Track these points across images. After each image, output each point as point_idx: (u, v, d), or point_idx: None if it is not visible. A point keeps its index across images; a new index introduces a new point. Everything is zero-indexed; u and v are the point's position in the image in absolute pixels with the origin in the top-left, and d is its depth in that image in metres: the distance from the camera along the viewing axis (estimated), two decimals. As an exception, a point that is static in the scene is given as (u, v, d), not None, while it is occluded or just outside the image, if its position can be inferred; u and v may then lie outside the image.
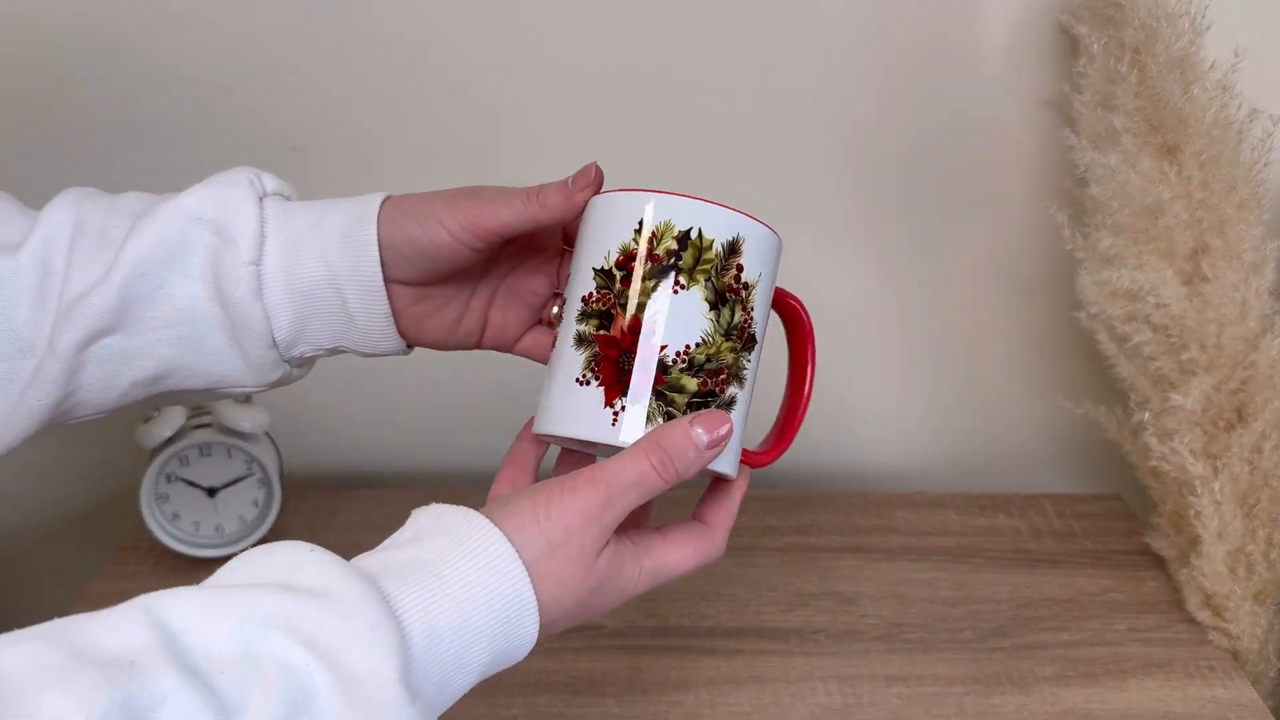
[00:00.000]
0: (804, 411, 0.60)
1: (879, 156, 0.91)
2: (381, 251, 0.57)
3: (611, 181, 0.58)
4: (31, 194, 0.63)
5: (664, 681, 0.76)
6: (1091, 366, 0.92)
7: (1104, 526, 0.93)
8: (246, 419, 0.86)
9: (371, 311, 0.58)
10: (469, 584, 0.46)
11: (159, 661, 0.39)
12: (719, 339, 0.54)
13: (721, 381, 0.54)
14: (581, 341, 0.54)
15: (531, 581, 0.48)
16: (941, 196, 0.92)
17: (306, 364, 0.62)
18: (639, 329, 0.53)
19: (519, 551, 0.48)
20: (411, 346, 0.62)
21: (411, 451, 1.02)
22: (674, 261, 0.53)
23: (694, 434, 0.51)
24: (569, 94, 0.89)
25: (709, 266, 0.53)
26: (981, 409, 1.01)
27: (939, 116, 0.90)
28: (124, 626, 0.40)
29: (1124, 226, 0.79)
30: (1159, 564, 0.87)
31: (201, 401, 0.61)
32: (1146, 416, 0.82)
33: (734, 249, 0.54)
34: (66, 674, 0.37)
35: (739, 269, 0.54)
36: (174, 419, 0.86)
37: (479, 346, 0.63)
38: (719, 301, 0.54)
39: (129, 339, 0.56)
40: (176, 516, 0.87)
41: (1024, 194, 0.92)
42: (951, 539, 0.91)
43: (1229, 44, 0.76)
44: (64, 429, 1.04)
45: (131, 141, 0.89)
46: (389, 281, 0.58)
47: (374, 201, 0.58)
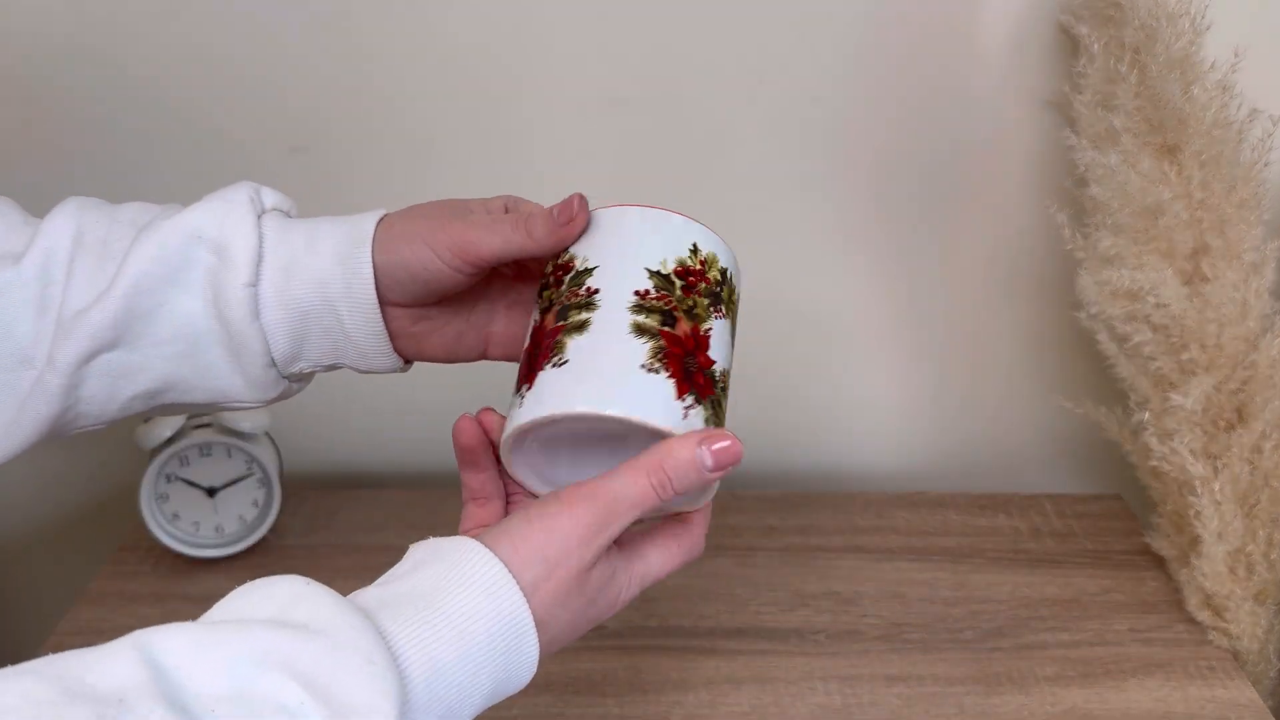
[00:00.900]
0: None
1: (879, 157, 0.91)
2: (376, 275, 0.57)
3: (611, 181, 0.58)
4: (33, 195, 0.63)
5: (664, 681, 0.76)
6: (1091, 366, 0.92)
7: (1104, 526, 0.93)
8: (246, 419, 0.86)
9: (368, 331, 0.58)
10: (468, 614, 0.45)
11: (147, 699, 0.38)
12: (730, 371, 0.56)
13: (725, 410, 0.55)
14: (643, 332, 0.52)
15: (529, 604, 0.47)
16: (941, 196, 0.92)
17: (305, 379, 0.62)
18: (704, 340, 0.54)
19: (515, 575, 0.47)
20: (410, 363, 0.62)
21: (411, 451, 1.02)
22: (719, 290, 0.56)
23: (699, 455, 0.50)
24: (569, 93, 0.89)
25: (735, 303, 0.57)
26: (981, 409, 1.01)
27: (939, 116, 0.90)
28: (115, 663, 0.39)
29: (1124, 226, 0.79)
30: (1159, 564, 0.87)
31: (202, 412, 0.61)
32: (1146, 416, 0.82)
33: (737, 292, 0.58)
34: (58, 710, 0.37)
35: (737, 311, 0.58)
36: (174, 419, 0.86)
37: (486, 358, 0.63)
38: (734, 337, 0.56)
39: (129, 354, 0.56)
40: (176, 516, 0.87)
41: (1024, 194, 0.92)
42: (951, 539, 0.91)
43: (1229, 44, 0.76)
44: (64, 429, 1.04)
45: (132, 142, 0.89)
46: (385, 304, 0.58)
47: (369, 223, 0.57)
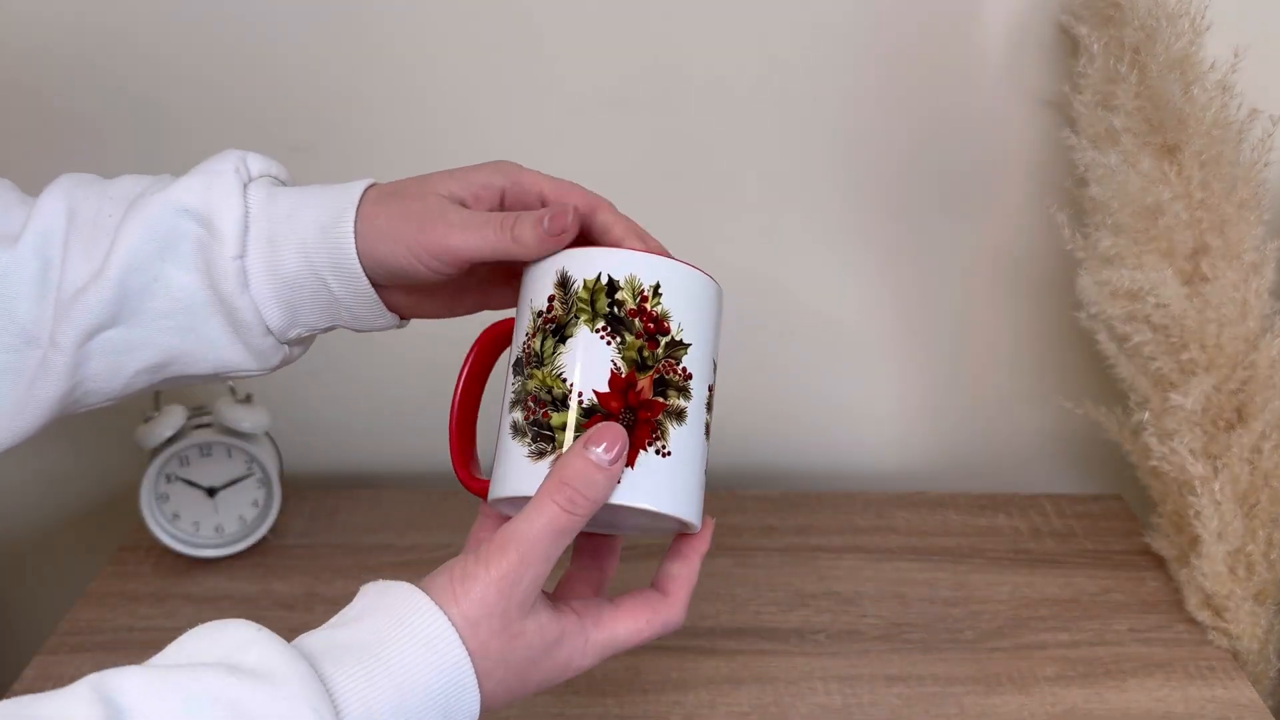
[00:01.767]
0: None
1: (879, 156, 0.91)
2: (362, 264, 0.56)
3: (611, 181, 0.58)
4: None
5: (664, 681, 0.76)
6: (1091, 366, 0.92)
7: (1104, 526, 0.93)
8: (246, 419, 0.86)
9: (358, 298, 0.58)
10: (407, 665, 0.46)
11: None
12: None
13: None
14: (708, 434, 0.56)
15: (472, 657, 0.48)
16: (941, 196, 0.92)
17: (305, 342, 0.62)
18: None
19: (459, 629, 0.48)
20: (407, 319, 0.62)
21: (411, 451, 1.02)
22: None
23: (592, 455, 0.50)
24: (568, 93, 0.89)
25: None
26: (982, 409, 1.01)
27: (939, 116, 0.90)
28: (72, 705, 0.40)
29: (1124, 226, 0.79)
30: (1159, 564, 0.87)
31: (209, 383, 0.62)
32: (1146, 416, 0.82)
33: None
34: None
35: None
36: (174, 419, 0.86)
37: (486, 309, 0.63)
38: None
39: (129, 331, 0.57)
40: (176, 516, 0.87)
41: (1024, 194, 0.92)
42: (951, 539, 0.91)
43: (1229, 44, 0.76)
44: (65, 428, 1.04)
45: (132, 141, 0.89)
46: (375, 284, 0.57)
47: (354, 193, 0.57)
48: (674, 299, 0.54)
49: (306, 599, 0.84)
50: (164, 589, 0.85)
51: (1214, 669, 0.78)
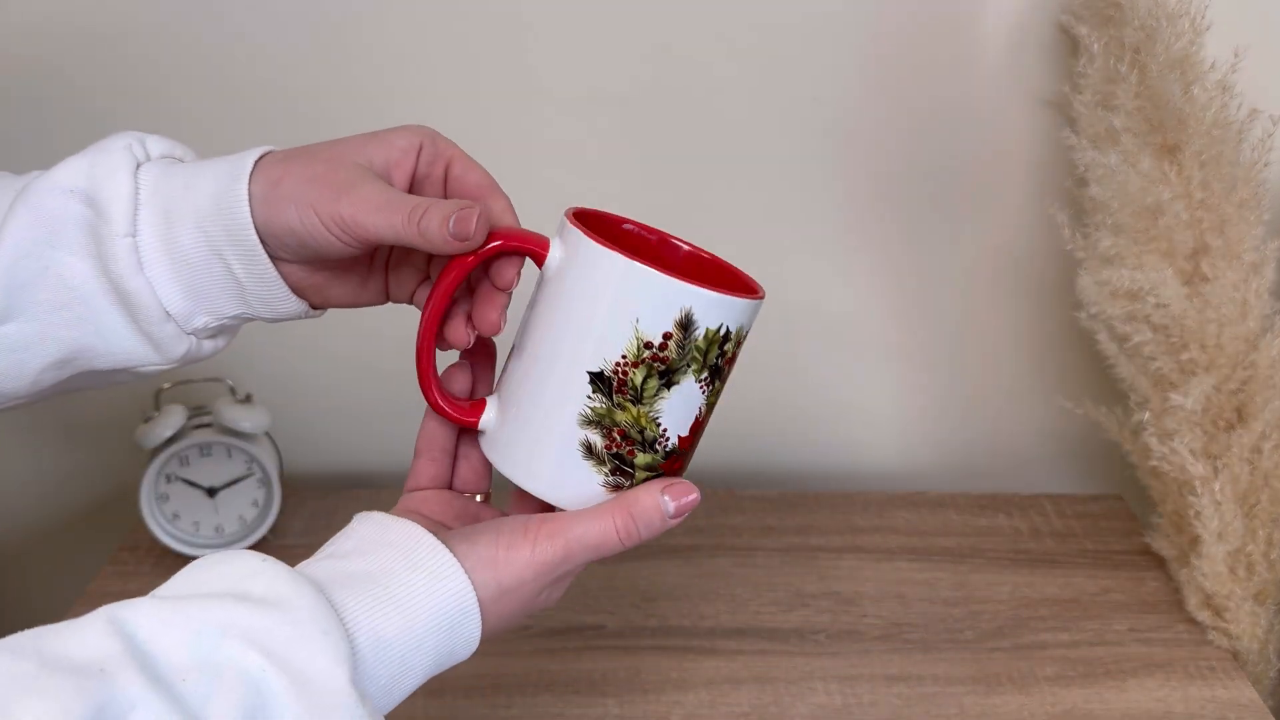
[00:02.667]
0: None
1: (879, 156, 0.91)
2: (261, 235, 0.53)
3: (611, 181, 0.58)
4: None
5: (664, 681, 0.76)
6: (1091, 366, 0.92)
7: (1104, 526, 0.93)
8: (246, 419, 0.86)
9: (259, 277, 0.54)
10: (414, 592, 0.48)
11: (127, 670, 0.40)
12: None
13: None
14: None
15: (476, 593, 0.49)
16: (942, 197, 0.92)
17: (217, 335, 0.58)
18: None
19: (468, 571, 0.50)
20: (319, 308, 0.59)
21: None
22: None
23: (663, 503, 0.52)
24: (569, 92, 0.89)
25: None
26: (982, 409, 1.01)
27: (939, 117, 0.90)
28: (90, 636, 0.41)
29: (1124, 226, 0.79)
30: (1159, 564, 0.87)
31: (122, 383, 0.58)
32: (1147, 417, 0.82)
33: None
34: (42, 682, 0.38)
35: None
36: (174, 419, 0.86)
37: (390, 301, 0.60)
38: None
39: (25, 325, 0.54)
40: (176, 516, 0.87)
41: (1024, 194, 0.92)
42: (951, 539, 0.91)
43: (1229, 44, 0.76)
44: (65, 428, 1.04)
45: (131, 141, 0.90)
46: (276, 260, 0.54)
47: (248, 160, 0.54)
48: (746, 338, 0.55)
49: (306, 599, 0.84)
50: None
51: (1214, 669, 0.78)
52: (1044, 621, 0.82)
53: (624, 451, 0.52)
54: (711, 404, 0.54)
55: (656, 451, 0.53)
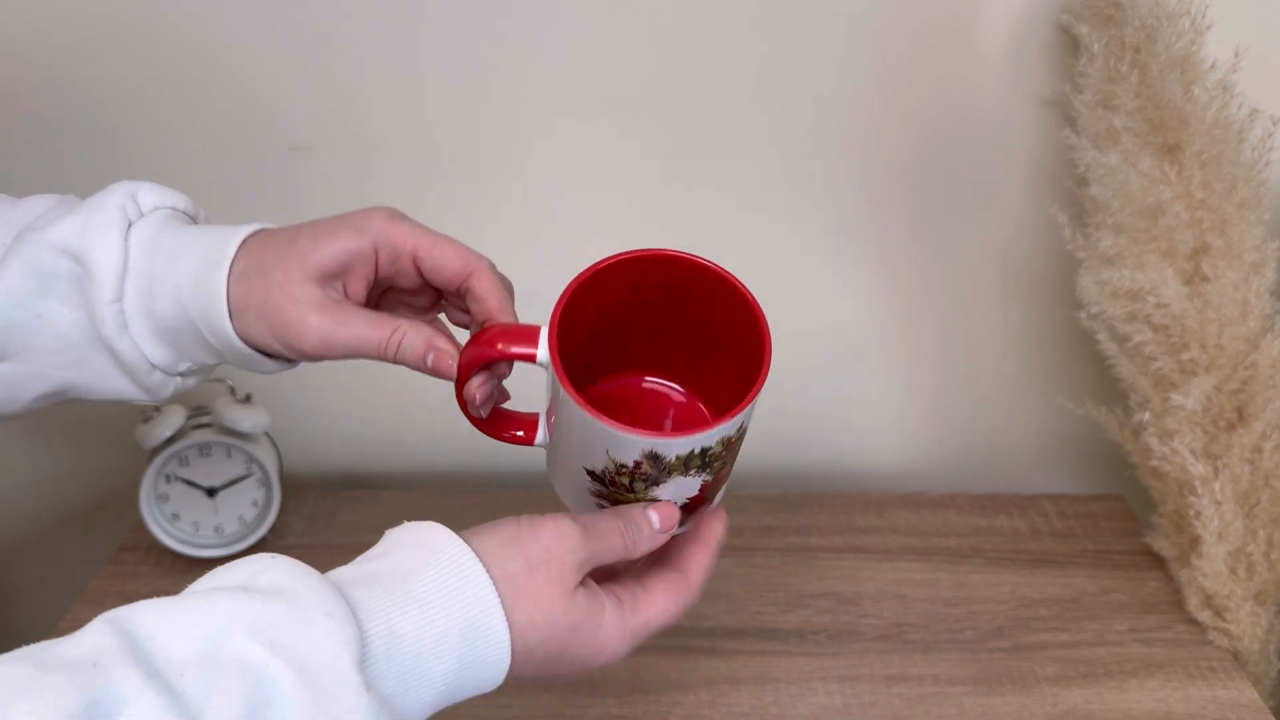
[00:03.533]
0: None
1: (879, 156, 0.91)
2: (236, 329, 0.56)
3: (611, 181, 0.58)
4: (29, 194, 0.63)
5: (664, 681, 0.76)
6: (1092, 366, 0.92)
7: (1104, 526, 0.93)
8: (246, 419, 0.86)
9: (234, 351, 0.57)
10: (430, 586, 0.47)
11: (121, 665, 0.40)
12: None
13: None
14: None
15: (499, 593, 0.48)
16: (942, 196, 0.92)
17: (200, 373, 0.61)
18: None
19: (489, 565, 0.49)
20: (295, 362, 0.61)
21: (411, 451, 1.02)
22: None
23: (649, 516, 0.54)
24: (567, 94, 0.89)
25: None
26: (982, 409, 1.01)
27: (939, 116, 0.89)
28: (87, 636, 0.41)
29: (1124, 226, 0.79)
30: (1159, 564, 0.87)
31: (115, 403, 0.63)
32: (1147, 417, 0.82)
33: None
34: (34, 683, 0.38)
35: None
36: (174, 419, 0.86)
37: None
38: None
39: (20, 365, 0.58)
40: (176, 516, 0.87)
41: (1024, 194, 0.92)
42: (951, 539, 0.91)
43: (1229, 44, 0.76)
44: (65, 428, 1.04)
45: (132, 141, 0.89)
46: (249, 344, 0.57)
47: (229, 247, 0.56)
48: (749, 419, 0.54)
49: (306, 599, 0.84)
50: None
51: (1214, 669, 0.78)
52: (1044, 621, 0.82)
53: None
54: (719, 473, 0.55)
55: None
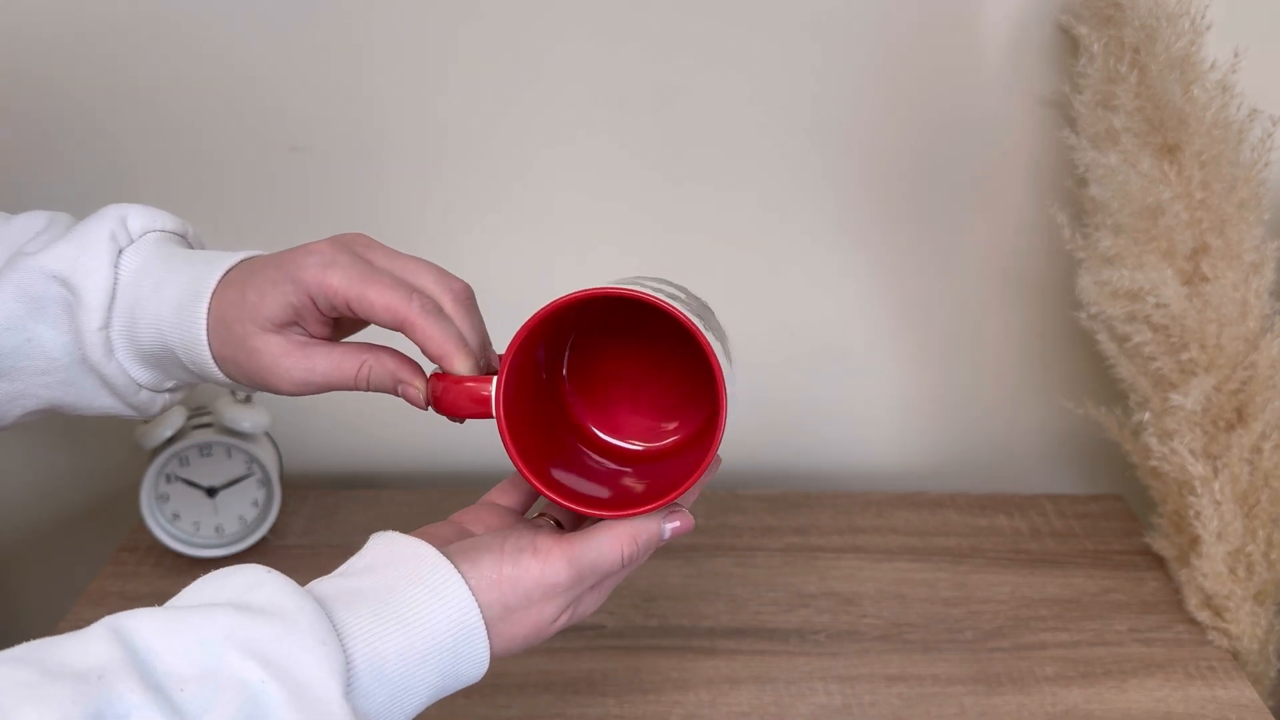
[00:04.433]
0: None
1: (879, 157, 0.91)
2: (216, 359, 0.57)
3: (610, 181, 0.58)
4: (31, 196, 0.63)
5: (664, 681, 0.76)
6: (1091, 367, 0.92)
7: (1104, 527, 0.93)
8: (246, 419, 0.86)
9: (214, 379, 0.59)
10: (415, 608, 0.48)
11: (126, 678, 0.41)
12: None
13: None
14: None
15: (483, 615, 0.49)
16: (942, 197, 0.92)
17: (188, 388, 0.63)
18: None
19: (473, 591, 0.49)
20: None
21: (411, 451, 1.02)
22: None
23: (663, 530, 0.54)
24: (567, 94, 0.89)
25: None
26: (981, 409, 1.01)
27: (939, 117, 0.90)
28: (91, 644, 0.42)
29: (1124, 226, 0.79)
30: (1159, 564, 0.87)
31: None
32: (1147, 417, 0.82)
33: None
34: (41, 689, 0.39)
35: None
36: (174, 419, 0.86)
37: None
38: None
39: (9, 385, 0.59)
40: (176, 516, 0.87)
41: (1024, 194, 0.92)
42: (951, 539, 0.91)
43: (1229, 44, 0.76)
44: (65, 428, 1.04)
45: (133, 141, 0.89)
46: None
47: (211, 280, 0.56)
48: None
49: (306, 599, 0.84)
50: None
51: (1214, 669, 0.78)
52: (1044, 621, 0.82)
53: None
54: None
55: None
